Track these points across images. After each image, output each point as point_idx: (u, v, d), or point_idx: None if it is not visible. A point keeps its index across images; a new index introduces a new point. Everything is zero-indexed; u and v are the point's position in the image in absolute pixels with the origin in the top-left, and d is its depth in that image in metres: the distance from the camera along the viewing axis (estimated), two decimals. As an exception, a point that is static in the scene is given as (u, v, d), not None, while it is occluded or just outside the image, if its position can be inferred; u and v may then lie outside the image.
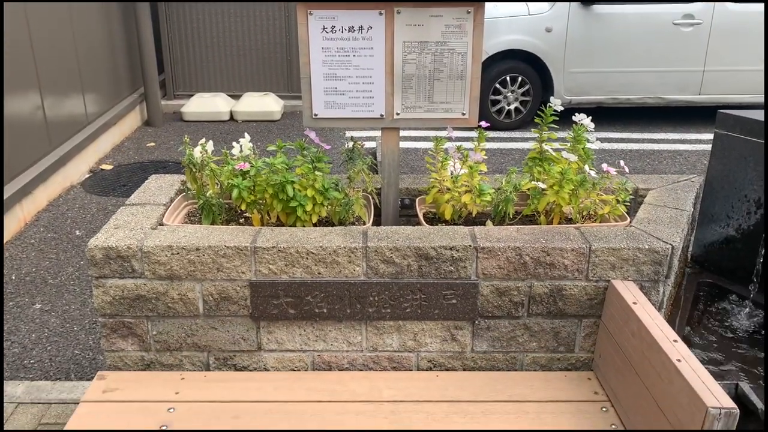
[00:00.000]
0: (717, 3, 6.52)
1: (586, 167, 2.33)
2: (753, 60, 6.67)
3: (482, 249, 2.16)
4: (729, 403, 1.60)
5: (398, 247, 2.16)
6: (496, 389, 2.18)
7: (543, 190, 2.36)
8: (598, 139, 6.87)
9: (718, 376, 2.16)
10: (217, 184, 2.44)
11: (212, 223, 2.41)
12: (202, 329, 2.26)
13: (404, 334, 2.26)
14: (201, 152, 2.42)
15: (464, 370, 2.32)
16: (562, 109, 2.51)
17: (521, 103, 6.83)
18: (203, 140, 2.47)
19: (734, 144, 2.67)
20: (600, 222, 2.44)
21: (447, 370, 2.32)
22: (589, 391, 2.19)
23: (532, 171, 2.49)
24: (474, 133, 2.64)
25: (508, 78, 6.72)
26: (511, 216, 2.45)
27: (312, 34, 2.36)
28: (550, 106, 2.50)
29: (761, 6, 6.64)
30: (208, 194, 2.40)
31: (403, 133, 6.10)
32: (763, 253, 2.56)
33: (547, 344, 2.29)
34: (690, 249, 2.93)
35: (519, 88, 6.76)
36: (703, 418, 1.60)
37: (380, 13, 2.33)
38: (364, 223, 2.44)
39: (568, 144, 2.45)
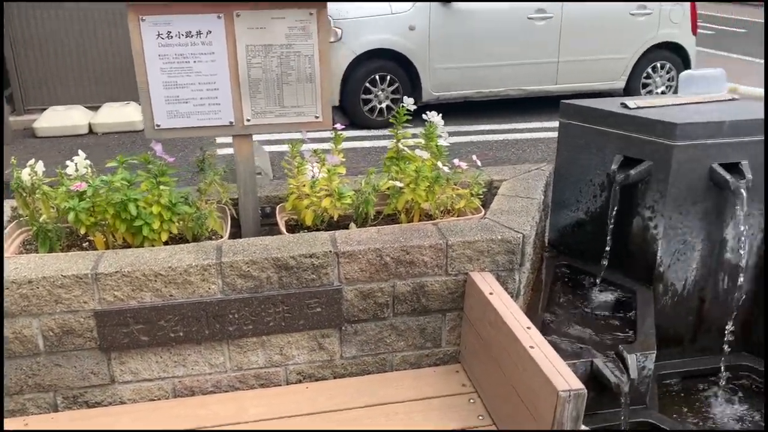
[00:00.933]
0: (565, -2, 6.93)
1: (439, 163, 2.36)
2: (601, 49, 7.15)
3: (343, 253, 2.13)
4: (578, 384, 1.67)
5: (255, 260, 2.07)
6: (366, 394, 2.15)
7: (401, 188, 2.37)
8: (467, 132, 7.12)
9: (574, 355, 2.26)
10: (53, 207, 2.24)
11: (51, 251, 2.20)
12: (45, 368, 2.06)
13: (270, 349, 2.18)
14: (30, 174, 2.21)
15: (335, 378, 2.27)
16: (415, 107, 2.53)
17: (392, 101, 6.90)
18: (32, 161, 2.26)
19: (576, 132, 2.82)
20: (458, 216, 2.48)
21: (317, 380, 2.26)
22: (457, 384, 2.22)
23: (390, 170, 2.49)
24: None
25: (377, 77, 6.77)
26: (372, 217, 2.44)
27: (146, 40, 2.21)
28: (402, 106, 2.52)
29: None
30: (41, 219, 2.19)
31: (264, 137, 5.94)
32: None
33: (415, 342, 2.30)
34: (546, 234, 3.07)
35: (389, 86, 6.83)
36: (555, 401, 1.65)
37: (218, 17, 2.23)
38: (221, 237, 2.33)
39: (417, 141, 2.47)
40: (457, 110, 7.25)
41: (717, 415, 2.62)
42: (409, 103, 2.52)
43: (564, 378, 1.68)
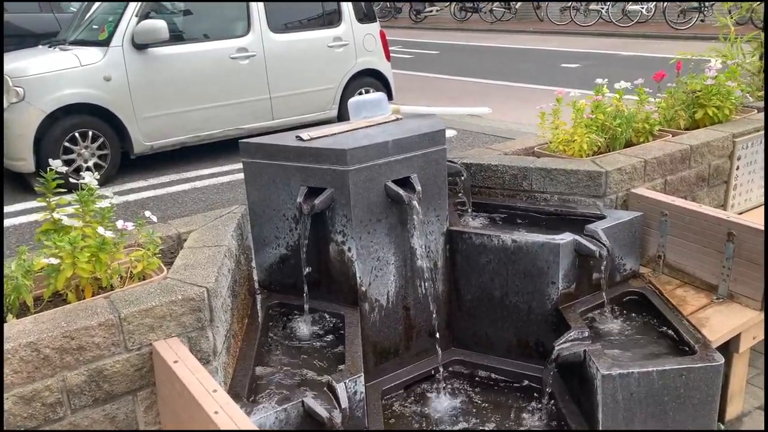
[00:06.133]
0: (264, 35, 7.06)
1: (101, 229, 2.12)
2: (309, 82, 7.42)
3: (-11, 357, 1.78)
4: (262, 440, 1.58)
5: None
6: None
7: (59, 265, 2.07)
8: (188, 179, 6.82)
9: (285, 399, 2.18)
10: None
11: None
12: None
13: None
14: None
15: (9, 505, 1.89)
16: (66, 170, 2.26)
17: (100, 157, 6.35)
18: None
19: (262, 169, 2.79)
20: (143, 280, 2.26)
21: None
22: (161, 468, 1.99)
23: (46, 247, 2.17)
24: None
25: (77, 134, 6.17)
26: (30, 305, 2.10)
27: None
28: (51, 169, 2.23)
29: (303, 34, 7.43)
30: None
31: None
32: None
33: (106, 434, 2.02)
34: (255, 276, 2.98)
35: (93, 142, 6.27)
36: (241, 466, 1.54)
37: None
38: None
39: (76, 208, 2.21)
40: (180, 156, 6.95)
41: (440, 412, 2.76)
42: (56, 165, 2.24)
43: (248, 438, 1.58)
